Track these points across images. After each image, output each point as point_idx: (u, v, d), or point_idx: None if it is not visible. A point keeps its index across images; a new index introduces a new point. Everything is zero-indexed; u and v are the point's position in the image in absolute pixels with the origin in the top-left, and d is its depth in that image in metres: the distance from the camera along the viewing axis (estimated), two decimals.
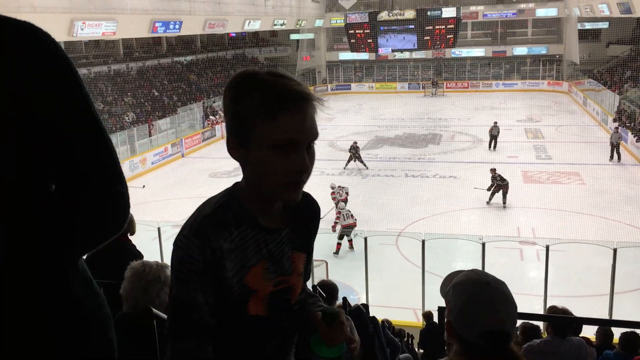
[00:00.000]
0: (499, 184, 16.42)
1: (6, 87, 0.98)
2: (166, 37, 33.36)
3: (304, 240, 1.38)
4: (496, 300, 1.37)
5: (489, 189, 16.68)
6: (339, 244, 13.75)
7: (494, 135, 23.56)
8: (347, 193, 15.57)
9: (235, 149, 1.19)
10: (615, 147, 21.24)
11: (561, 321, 4.61)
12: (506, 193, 16.47)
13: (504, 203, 16.48)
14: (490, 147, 23.66)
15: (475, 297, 1.37)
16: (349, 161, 21.40)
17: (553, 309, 5.37)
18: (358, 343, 1.31)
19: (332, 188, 15.61)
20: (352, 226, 13.83)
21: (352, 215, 13.99)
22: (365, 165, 21.31)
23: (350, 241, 13.85)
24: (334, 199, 15.30)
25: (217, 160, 23.12)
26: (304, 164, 1.16)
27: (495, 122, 23.85)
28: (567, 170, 19.99)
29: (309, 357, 1.29)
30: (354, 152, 21.29)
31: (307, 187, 1.24)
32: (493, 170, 16.80)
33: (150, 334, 2.01)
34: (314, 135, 1.18)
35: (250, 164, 1.19)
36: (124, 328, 2.11)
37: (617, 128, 22.15)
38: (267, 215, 1.28)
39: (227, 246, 1.20)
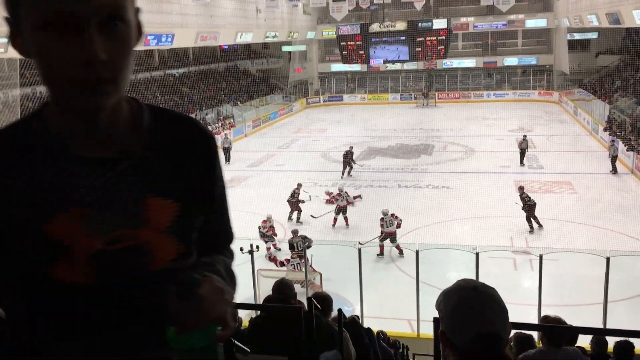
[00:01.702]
0: (529, 204, 14.98)
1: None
2: (158, 49, 33.40)
3: (174, 182, 0.96)
4: (484, 303, 1.36)
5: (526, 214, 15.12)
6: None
7: (523, 149, 22.37)
8: (347, 200, 16.12)
9: (13, 37, 0.84)
10: (612, 159, 21.07)
11: (555, 331, 4.61)
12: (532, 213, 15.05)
13: (532, 224, 15.16)
14: (522, 162, 22.34)
15: (463, 302, 1.37)
16: (344, 169, 21.46)
17: (546, 318, 5.37)
18: (230, 330, 0.89)
19: (340, 191, 16.27)
20: (391, 234, 13.80)
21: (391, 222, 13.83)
22: (350, 173, 21.43)
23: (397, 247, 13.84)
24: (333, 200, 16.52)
25: None
26: (89, 50, 0.78)
27: (525, 136, 22.79)
28: (559, 180, 20.08)
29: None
30: (348, 157, 21.48)
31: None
32: (521, 189, 15.67)
33: None
34: (108, 5, 0.80)
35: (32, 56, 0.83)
36: None
37: (612, 141, 21.93)
38: (90, 137, 0.89)
39: (8, 183, 0.87)
